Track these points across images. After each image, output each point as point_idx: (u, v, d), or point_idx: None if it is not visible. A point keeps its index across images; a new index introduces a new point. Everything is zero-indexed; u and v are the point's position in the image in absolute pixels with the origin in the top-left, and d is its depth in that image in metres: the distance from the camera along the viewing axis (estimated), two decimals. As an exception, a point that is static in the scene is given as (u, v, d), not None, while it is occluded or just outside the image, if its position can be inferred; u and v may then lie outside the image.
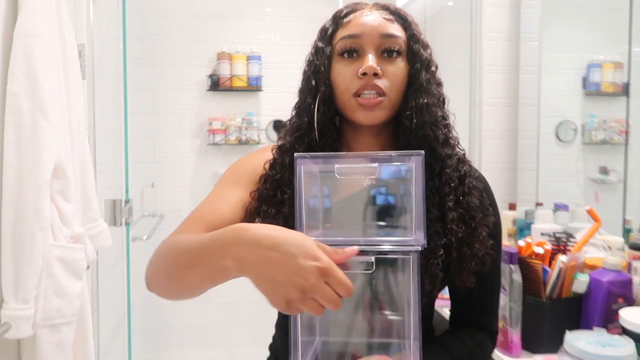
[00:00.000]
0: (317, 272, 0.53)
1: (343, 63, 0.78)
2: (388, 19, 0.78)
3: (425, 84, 0.78)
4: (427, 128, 0.77)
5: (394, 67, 0.77)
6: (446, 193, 0.77)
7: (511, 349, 1.18)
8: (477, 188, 0.82)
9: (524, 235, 1.69)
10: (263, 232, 0.56)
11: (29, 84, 1.01)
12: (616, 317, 1.10)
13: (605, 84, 1.67)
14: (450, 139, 0.81)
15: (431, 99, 0.78)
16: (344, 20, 0.80)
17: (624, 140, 1.52)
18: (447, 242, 0.76)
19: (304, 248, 0.54)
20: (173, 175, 2.81)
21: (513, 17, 1.88)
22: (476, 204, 0.79)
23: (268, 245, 0.55)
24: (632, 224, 1.45)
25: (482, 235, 0.78)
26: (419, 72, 0.78)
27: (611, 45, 1.66)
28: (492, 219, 0.82)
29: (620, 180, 1.51)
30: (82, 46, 1.44)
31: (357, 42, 0.77)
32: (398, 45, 0.77)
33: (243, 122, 2.83)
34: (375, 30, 0.76)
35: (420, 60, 0.78)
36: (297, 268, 0.53)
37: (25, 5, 1.02)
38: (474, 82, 1.92)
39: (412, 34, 0.79)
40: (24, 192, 1.00)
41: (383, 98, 0.76)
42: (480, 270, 0.79)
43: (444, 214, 0.77)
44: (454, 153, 0.81)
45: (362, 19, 0.78)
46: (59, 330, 1.07)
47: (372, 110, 0.76)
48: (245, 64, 2.79)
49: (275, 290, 0.55)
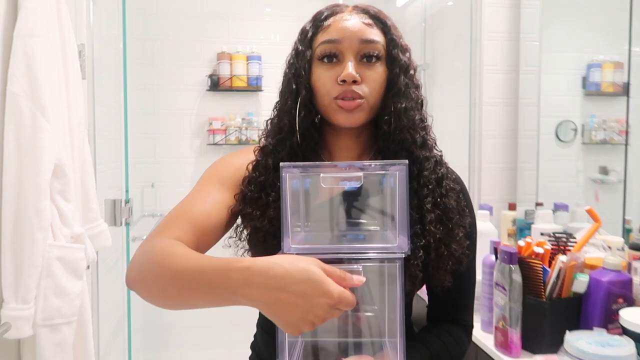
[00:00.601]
0: (329, 307, 0.56)
1: (323, 68, 0.79)
2: (367, 23, 0.79)
3: (404, 88, 0.79)
4: (405, 132, 0.78)
5: (373, 72, 0.78)
6: (424, 195, 0.79)
7: (511, 349, 1.18)
8: (454, 190, 0.83)
9: (524, 235, 1.69)
10: (269, 273, 0.56)
11: (29, 84, 1.01)
12: (616, 317, 1.10)
13: (605, 84, 1.67)
14: (428, 141, 0.82)
15: (409, 103, 0.79)
16: (324, 24, 0.80)
17: (624, 140, 1.51)
18: (425, 243, 0.77)
19: (314, 285, 0.55)
20: (173, 175, 2.81)
21: (513, 17, 1.88)
22: (453, 206, 0.81)
23: (276, 286, 0.56)
24: (632, 224, 1.45)
25: (459, 236, 0.80)
26: (397, 76, 0.79)
27: (611, 45, 1.65)
28: (468, 220, 0.85)
29: (620, 180, 1.51)
30: (82, 46, 1.44)
31: (336, 47, 0.78)
32: (377, 51, 0.78)
33: (243, 122, 2.83)
34: (355, 36, 0.77)
35: (399, 65, 0.79)
36: (310, 307, 0.55)
37: (25, 5, 1.02)
38: (474, 82, 1.92)
39: (392, 39, 0.80)
40: (24, 192, 1.00)
41: (362, 100, 0.77)
42: (457, 269, 0.82)
43: (423, 216, 0.78)
44: (432, 155, 0.82)
45: (342, 24, 0.78)
46: (59, 330, 1.07)
47: (351, 113, 0.77)
48: (245, 64, 2.79)
49: (288, 325, 0.57)
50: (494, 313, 1.24)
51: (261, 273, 0.56)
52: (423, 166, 0.80)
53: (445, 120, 2.30)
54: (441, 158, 0.85)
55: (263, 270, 0.56)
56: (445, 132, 2.29)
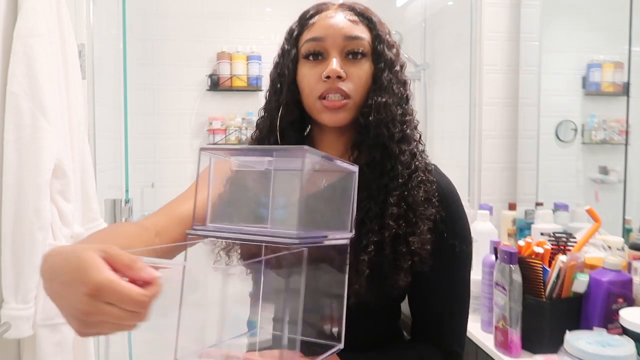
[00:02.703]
0: (87, 297, 0.45)
1: (308, 66, 0.79)
2: (352, 20, 0.78)
3: (387, 83, 0.78)
4: (382, 126, 0.76)
5: (358, 69, 0.78)
6: (392, 189, 0.76)
7: (511, 349, 1.18)
8: (426, 182, 0.79)
9: (524, 235, 1.69)
10: (48, 262, 0.50)
11: (29, 84, 1.01)
12: (616, 317, 1.10)
13: (605, 84, 1.68)
14: (408, 135, 0.80)
15: (391, 98, 0.78)
16: (309, 22, 0.80)
17: (624, 140, 1.51)
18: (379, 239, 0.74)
19: (76, 273, 0.46)
20: (173, 175, 2.81)
21: (513, 17, 1.88)
22: (421, 198, 0.76)
23: (49, 277, 0.49)
24: (632, 224, 1.45)
25: (420, 228, 0.75)
26: (381, 72, 0.78)
27: (611, 45, 1.66)
28: (433, 212, 0.77)
29: (620, 180, 1.51)
30: (82, 46, 1.44)
31: (321, 45, 0.77)
32: (362, 47, 0.77)
33: (243, 122, 2.83)
34: (339, 33, 0.77)
35: (384, 60, 0.78)
36: (72, 297, 0.46)
37: (25, 5, 1.02)
38: (474, 82, 1.92)
39: (377, 35, 0.79)
40: (24, 192, 1.00)
41: (348, 100, 0.76)
42: (422, 270, 0.75)
43: (385, 210, 0.75)
44: (410, 149, 0.79)
45: (326, 21, 0.78)
46: (59, 330, 1.07)
47: (336, 113, 0.77)
48: (245, 63, 2.79)
49: (69, 322, 0.48)
50: (494, 313, 1.24)
51: (44, 262, 0.50)
52: (398, 160, 0.78)
53: (445, 120, 2.30)
54: (422, 152, 0.83)
55: (48, 258, 0.50)
56: (445, 132, 2.30)
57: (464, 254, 0.81)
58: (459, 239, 0.80)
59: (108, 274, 0.46)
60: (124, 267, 0.47)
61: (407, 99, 0.82)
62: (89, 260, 0.46)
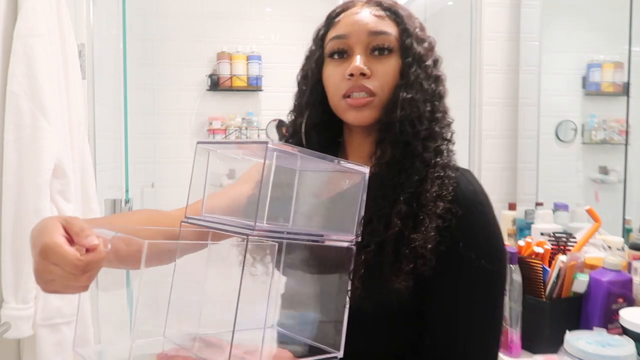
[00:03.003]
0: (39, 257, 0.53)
1: (332, 65, 0.77)
2: (378, 15, 0.75)
3: (414, 78, 0.73)
4: (406, 123, 0.71)
5: (384, 65, 0.74)
6: (407, 186, 0.70)
7: (511, 349, 1.18)
8: (444, 177, 0.70)
9: (524, 235, 1.69)
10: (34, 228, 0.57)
11: (29, 84, 1.01)
12: (616, 317, 1.10)
13: (605, 84, 1.68)
14: (436, 133, 0.74)
15: (418, 94, 0.73)
16: (334, 20, 0.78)
17: (624, 140, 1.51)
18: (383, 238, 0.68)
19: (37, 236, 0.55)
20: (173, 175, 2.81)
21: (513, 17, 1.88)
22: (433, 194, 0.68)
23: (30, 244, 0.57)
24: (632, 224, 1.45)
25: (425, 224, 0.66)
26: (409, 66, 0.74)
27: (611, 45, 1.66)
28: (445, 207, 0.67)
29: (620, 180, 1.51)
30: (82, 46, 1.44)
31: (345, 42, 0.75)
32: (388, 42, 0.74)
33: (243, 121, 2.83)
34: (363, 29, 0.74)
35: (412, 54, 0.74)
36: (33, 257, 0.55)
37: (25, 5, 1.02)
38: (474, 82, 1.92)
39: (405, 29, 0.75)
40: (24, 192, 1.00)
41: (373, 98, 0.73)
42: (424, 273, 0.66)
43: (393, 208, 0.69)
44: (435, 146, 0.73)
45: (351, 18, 0.76)
46: (59, 330, 1.07)
47: (361, 111, 0.74)
48: (245, 63, 2.79)
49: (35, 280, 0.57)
50: (494, 313, 1.24)
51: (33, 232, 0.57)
52: (419, 158, 0.72)
53: (445, 120, 2.30)
54: (448, 151, 0.75)
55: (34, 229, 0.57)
56: (445, 132, 2.29)
57: (485, 271, 0.67)
58: (479, 252, 0.67)
59: (56, 237, 0.53)
60: (73, 234, 0.55)
61: (440, 95, 0.77)
62: (48, 225, 0.55)
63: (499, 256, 0.69)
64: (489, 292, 0.69)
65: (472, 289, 0.68)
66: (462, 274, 0.68)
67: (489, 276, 0.68)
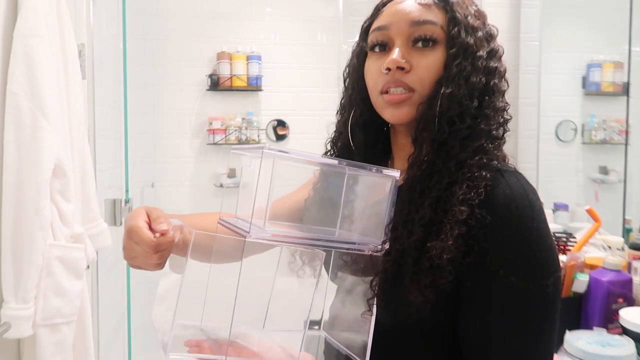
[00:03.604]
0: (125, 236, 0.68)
1: (373, 58, 0.71)
2: (424, 4, 0.68)
3: (457, 71, 0.65)
4: (443, 121, 0.64)
5: (427, 58, 0.67)
6: (436, 189, 0.64)
7: (511, 348, 1.18)
8: (474, 179, 0.62)
9: (524, 235, 1.69)
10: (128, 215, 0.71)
11: (29, 84, 1.01)
12: (616, 317, 1.10)
13: (605, 84, 1.68)
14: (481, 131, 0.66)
15: (460, 89, 0.65)
16: (380, 12, 0.72)
17: (624, 140, 1.52)
18: (405, 246, 0.62)
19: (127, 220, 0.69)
20: (173, 175, 2.81)
21: (513, 17, 1.88)
22: (458, 197, 0.61)
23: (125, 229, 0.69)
24: (632, 223, 1.45)
25: (446, 231, 0.60)
26: (453, 58, 0.66)
27: (611, 45, 1.66)
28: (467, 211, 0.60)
29: (620, 180, 1.51)
30: (82, 46, 1.44)
31: (385, 34, 0.69)
32: (431, 32, 0.67)
33: (243, 121, 2.83)
34: (405, 19, 0.67)
35: (458, 45, 0.66)
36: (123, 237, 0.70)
37: (25, 5, 1.02)
38: (474, 82, 1.92)
39: (453, 17, 0.68)
40: (24, 192, 1.00)
41: (412, 94, 0.67)
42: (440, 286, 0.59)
43: (418, 213, 0.63)
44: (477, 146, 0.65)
45: (394, 7, 0.70)
46: (59, 330, 1.07)
47: (398, 107, 0.67)
48: (245, 63, 2.79)
49: None
50: (494, 313, 1.24)
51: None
52: (455, 159, 0.65)
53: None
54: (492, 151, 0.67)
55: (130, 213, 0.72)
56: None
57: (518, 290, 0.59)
58: (510, 266, 0.59)
59: (139, 221, 0.67)
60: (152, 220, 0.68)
61: (493, 90, 0.68)
62: (136, 211, 0.70)
63: (539, 273, 0.60)
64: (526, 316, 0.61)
65: (503, 310, 0.60)
66: (491, 292, 0.60)
67: (527, 296, 0.60)
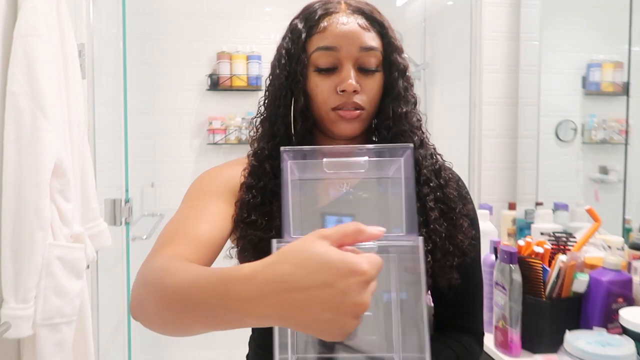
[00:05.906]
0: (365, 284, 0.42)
1: (320, 76, 0.76)
2: (365, 27, 0.76)
3: (403, 92, 0.78)
4: (406, 136, 0.77)
5: (372, 80, 0.77)
6: (426, 194, 0.77)
7: (511, 348, 1.18)
8: (452, 179, 0.83)
9: (523, 235, 1.69)
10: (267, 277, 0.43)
11: (29, 84, 1.01)
12: (616, 316, 1.10)
13: (605, 84, 1.67)
14: (425, 139, 0.82)
15: (408, 107, 0.79)
16: (319, 25, 0.77)
17: (623, 140, 1.51)
18: (431, 246, 0.75)
19: (332, 267, 0.41)
20: (173, 175, 2.81)
21: (513, 16, 1.88)
22: (454, 195, 0.80)
23: (284, 289, 0.42)
24: (632, 223, 1.45)
25: (463, 226, 0.79)
26: (396, 81, 0.78)
27: (611, 45, 1.65)
28: (470, 207, 0.84)
29: (620, 180, 1.51)
30: (82, 46, 1.44)
31: (334, 55, 0.75)
32: (375, 58, 0.76)
33: (243, 121, 2.83)
34: (354, 43, 0.74)
35: (397, 69, 0.78)
36: (341, 295, 0.41)
37: (25, 5, 1.02)
38: (474, 82, 1.92)
39: (389, 42, 0.77)
40: (24, 191, 1.00)
41: (362, 111, 0.76)
42: (462, 263, 0.78)
43: (427, 216, 0.76)
44: (428, 153, 0.81)
45: (339, 28, 0.75)
46: (59, 330, 1.07)
47: (351, 123, 0.76)
48: (245, 63, 2.79)
49: (324, 330, 0.43)
50: (494, 312, 1.24)
51: (257, 279, 0.43)
52: (422, 165, 0.79)
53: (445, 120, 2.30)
54: (434, 150, 0.84)
55: (259, 274, 0.43)
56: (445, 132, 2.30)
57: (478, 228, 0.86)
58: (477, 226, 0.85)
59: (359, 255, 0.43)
60: (352, 240, 0.45)
61: (416, 102, 0.82)
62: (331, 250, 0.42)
63: None
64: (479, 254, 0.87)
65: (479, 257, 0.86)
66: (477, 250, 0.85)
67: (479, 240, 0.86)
